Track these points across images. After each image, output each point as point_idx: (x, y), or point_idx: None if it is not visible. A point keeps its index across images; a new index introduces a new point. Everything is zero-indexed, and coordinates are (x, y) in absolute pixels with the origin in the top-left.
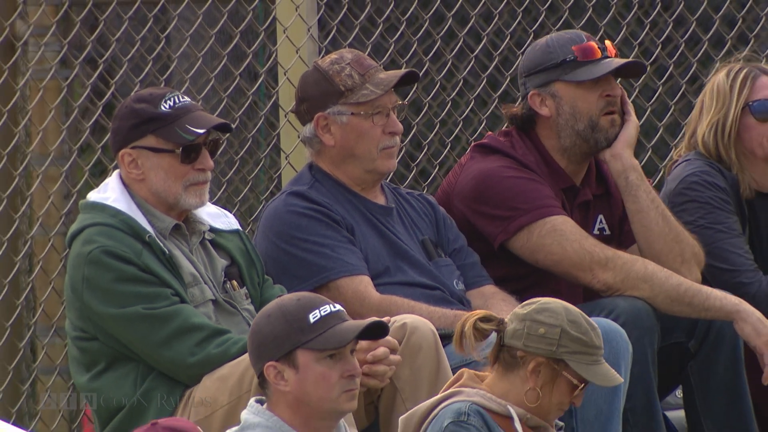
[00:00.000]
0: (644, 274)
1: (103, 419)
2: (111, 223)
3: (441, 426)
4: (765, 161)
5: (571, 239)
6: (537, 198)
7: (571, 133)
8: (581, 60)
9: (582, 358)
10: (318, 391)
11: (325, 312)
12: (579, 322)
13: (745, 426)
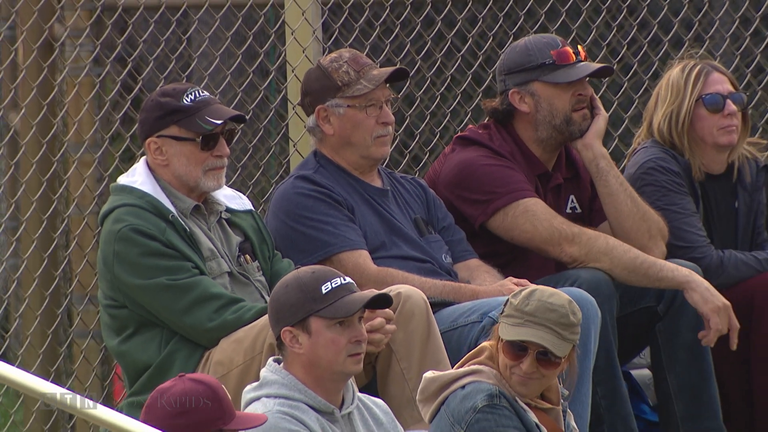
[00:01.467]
0: (605, 248)
1: (131, 378)
2: (138, 204)
3: (475, 405)
4: (714, 148)
5: (541, 218)
6: (511, 183)
7: (549, 127)
8: (558, 63)
9: (509, 319)
10: (328, 354)
11: (336, 284)
12: (524, 291)
13: (704, 380)
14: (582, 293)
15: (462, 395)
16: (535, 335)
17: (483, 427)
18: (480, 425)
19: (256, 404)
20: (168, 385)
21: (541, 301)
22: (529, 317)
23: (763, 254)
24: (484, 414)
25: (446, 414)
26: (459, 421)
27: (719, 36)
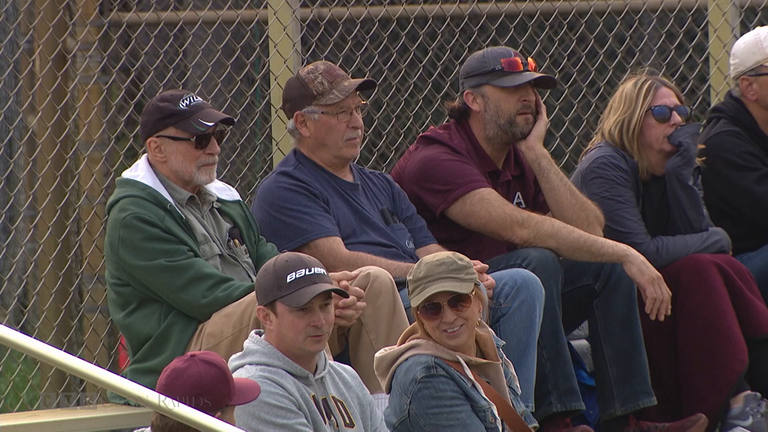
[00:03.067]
0: (551, 231)
1: (134, 347)
2: (140, 195)
3: (415, 377)
4: (659, 153)
5: (495, 206)
6: (468, 175)
7: (495, 126)
8: (507, 70)
9: (415, 292)
10: (289, 334)
11: (300, 275)
12: (421, 263)
13: (635, 350)
14: (528, 273)
15: (405, 368)
16: (436, 288)
17: (424, 395)
18: (422, 393)
19: (241, 371)
20: (183, 367)
21: (428, 263)
22: (425, 279)
23: (692, 238)
24: (424, 383)
25: (396, 386)
26: (405, 392)
27: (648, 49)
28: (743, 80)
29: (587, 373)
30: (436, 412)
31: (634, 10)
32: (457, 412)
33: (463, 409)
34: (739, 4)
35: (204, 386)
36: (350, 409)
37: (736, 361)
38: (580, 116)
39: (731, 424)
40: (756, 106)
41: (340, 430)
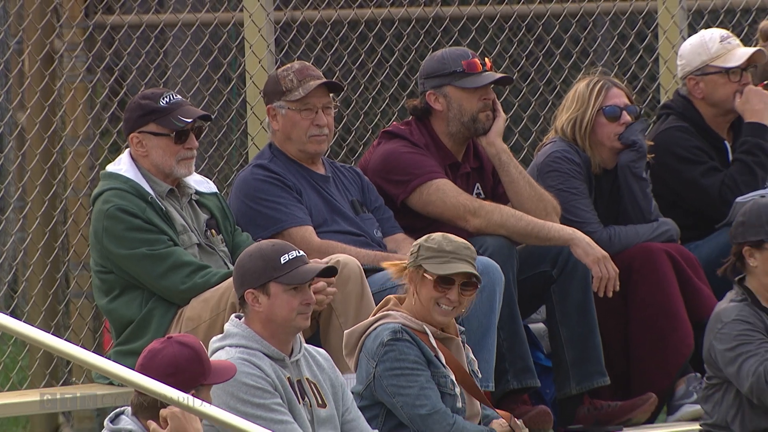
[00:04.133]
0: (500, 220)
1: (117, 331)
2: (123, 188)
3: (382, 341)
4: (610, 149)
5: (450, 195)
6: (425, 167)
7: (458, 123)
8: (467, 72)
9: (434, 260)
10: (283, 312)
11: (292, 256)
12: (436, 238)
13: (590, 332)
14: (489, 260)
15: (373, 336)
16: (462, 267)
17: (389, 357)
18: (387, 356)
19: (221, 353)
20: (159, 347)
21: (454, 241)
22: (452, 254)
23: (643, 227)
24: (390, 346)
25: (364, 354)
26: (372, 356)
27: (601, 50)
28: (690, 79)
29: (544, 355)
30: (398, 374)
31: (588, 13)
32: (417, 375)
33: (422, 374)
34: (686, 8)
35: (178, 365)
36: (323, 390)
37: (684, 346)
38: (538, 113)
39: (678, 405)
40: (702, 104)
41: (313, 410)
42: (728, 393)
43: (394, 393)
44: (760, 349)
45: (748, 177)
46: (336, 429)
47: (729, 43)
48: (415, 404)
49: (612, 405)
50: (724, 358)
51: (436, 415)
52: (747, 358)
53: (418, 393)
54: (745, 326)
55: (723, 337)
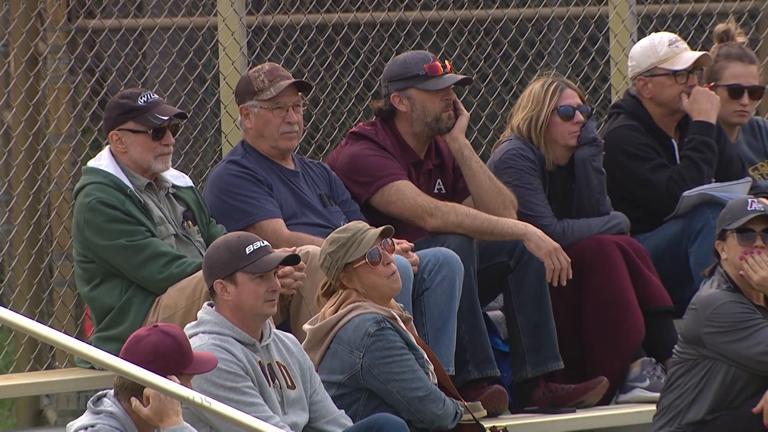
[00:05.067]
0: (456, 220)
1: (98, 317)
2: (103, 182)
3: (367, 331)
4: (564, 147)
5: (408, 197)
6: (387, 168)
7: (422, 123)
8: (429, 74)
9: (351, 250)
10: (250, 300)
11: (256, 246)
12: (332, 239)
13: (545, 320)
14: (449, 251)
15: (352, 327)
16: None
17: (378, 347)
18: (375, 346)
19: (194, 339)
20: (144, 334)
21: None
22: (356, 235)
23: (595, 221)
24: (377, 336)
25: (341, 347)
26: (357, 347)
27: (555, 52)
28: (640, 80)
29: (502, 341)
30: (389, 361)
31: (543, 18)
32: (407, 359)
33: (410, 357)
34: (636, 13)
35: (159, 353)
36: (292, 373)
37: (635, 332)
38: (496, 112)
39: (630, 387)
40: (651, 103)
41: (283, 391)
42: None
43: (388, 379)
44: (765, 322)
45: (694, 173)
46: (304, 409)
47: (677, 47)
48: (411, 387)
49: (566, 388)
50: (722, 338)
51: (432, 395)
52: (759, 328)
53: (412, 377)
54: (742, 306)
55: (719, 318)
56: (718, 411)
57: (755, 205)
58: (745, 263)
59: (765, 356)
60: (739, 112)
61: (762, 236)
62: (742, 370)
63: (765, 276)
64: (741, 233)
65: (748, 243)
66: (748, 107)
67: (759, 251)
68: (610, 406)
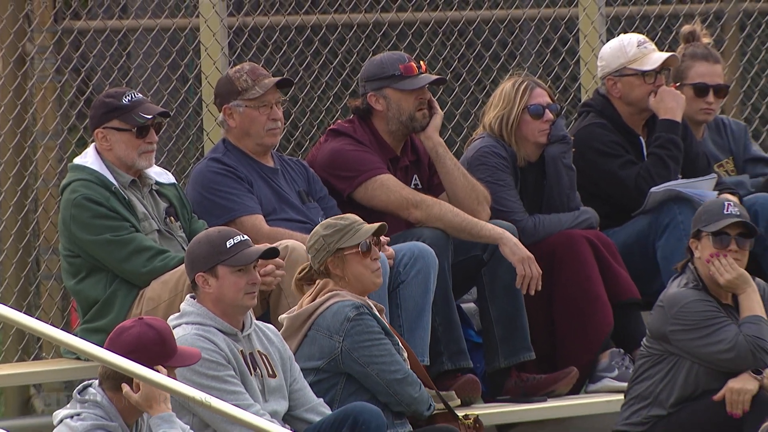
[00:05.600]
0: (439, 213)
1: (84, 310)
2: (89, 179)
3: (347, 316)
4: (534, 144)
5: (393, 190)
6: (369, 163)
7: (397, 122)
8: (405, 75)
9: (345, 237)
10: (230, 293)
11: (237, 240)
12: (328, 224)
13: (517, 312)
14: (424, 246)
15: (331, 313)
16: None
17: (358, 331)
18: (354, 330)
19: (178, 329)
20: (128, 326)
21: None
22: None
23: (565, 216)
24: (356, 321)
25: (319, 333)
26: (336, 332)
27: (527, 52)
28: (609, 80)
29: (475, 332)
30: (369, 345)
31: (515, 19)
32: (386, 343)
33: (388, 342)
34: (605, 14)
35: (141, 344)
36: (273, 362)
37: (604, 323)
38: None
39: (599, 377)
40: (620, 102)
41: (264, 380)
42: (662, 366)
43: (368, 362)
44: (729, 321)
45: (661, 169)
46: (284, 398)
47: (645, 48)
48: (390, 370)
49: (537, 378)
50: (686, 335)
51: (410, 378)
52: (721, 327)
53: (391, 360)
54: (708, 305)
55: (684, 316)
56: (683, 403)
57: (731, 209)
58: (712, 266)
59: (726, 354)
60: (705, 110)
61: (736, 240)
62: (705, 366)
63: (731, 279)
64: (716, 236)
65: (722, 246)
66: (713, 105)
67: (726, 255)
68: (579, 396)
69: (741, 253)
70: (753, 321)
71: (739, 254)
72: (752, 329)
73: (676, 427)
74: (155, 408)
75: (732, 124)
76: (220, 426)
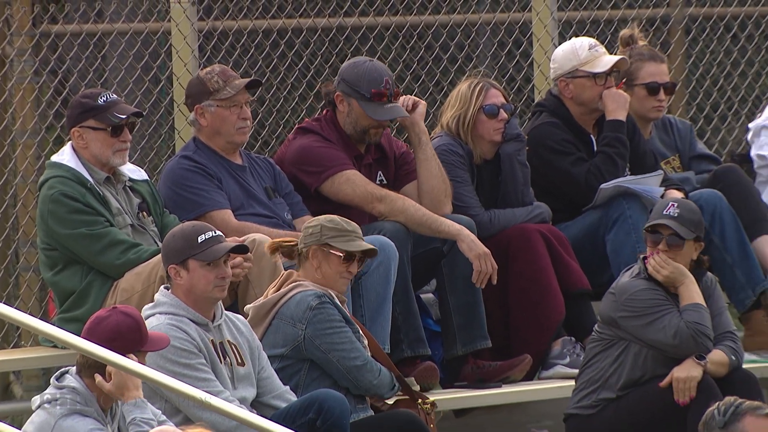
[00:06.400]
0: (402, 207)
1: (60, 300)
2: (65, 176)
3: (309, 305)
4: (489, 142)
5: (358, 185)
6: (336, 159)
7: (351, 128)
8: (373, 100)
9: (339, 239)
10: (200, 285)
11: (208, 236)
12: (334, 220)
13: (475, 301)
14: (386, 239)
15: (294, 302)
16: (364, 245)
17: (320, 320)
18: (316, 318)
19: (152, 319)
20: (105, 315)
21: (350, 222)
22: (353, 233)
23: (520, 211)
24: (318, 310)
25: (283, 321)
26: (299, 320)
27: (483, 55)
28: (561, 81)
29: (433, 321)
30: (330, 332)
31: (472, 24)
32: (346, 331)
33: (349, 330)
34: (557, 18)
35: (119, 332)
36: (242, 351)
37: (556, 313)
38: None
39: (552, 363)
40: (572, 103)
41: (233, 368)
42: (611, 351)
43: (329, 349)
44: (673, 309)
45: (610, 166)
46: (252, 385)
47: (596, 51)
48: (350, 357)
49: (492, 365)
50: (634, 321)
51: (369, 365)
52: (665, 314)
53: (351, 347)
54: (655, 293)
55: (632, 303)
56: (631, 387)
57: (672, 210)
58: (650, 265)
59: (672, 339)
60: (657, 107)
61: (667, 240)
62: (652, 351)
63: (667, 275)
64: (651, 233)
65: (653, 243)
66: (663, 102)
67: (658, 252)
68: (533, 382)
69: (673, 253)
70: (693, 308)
71: (671, 253)
72: (693, 316)
73: (625, 410)
74: (127, 395)
75: (678, 123)
76: (191, 411)
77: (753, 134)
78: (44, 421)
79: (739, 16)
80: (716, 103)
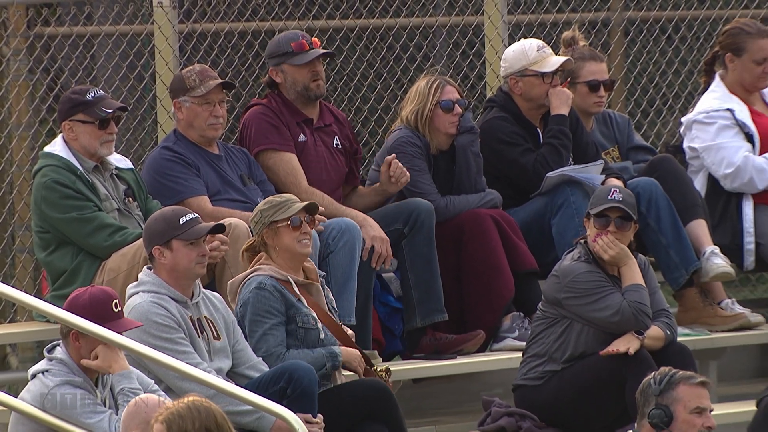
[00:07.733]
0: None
1: (53, 279)
2: (57, 164)
3: (249, 289)
4: (445, 135)
5: (281, 174)
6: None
7: (294, 92)
8: (296, 51)
9: (279, 211)
10: (183, 263)
11: (189, 218)
12: (267, 201)
13: (433, 278)
14: (351, 221)
15: (246, 285)
16: (300, 205)
17: (251, 303)
18: (250, 302)
19: (135, 297)
20: (81, 292)
21: (280, 194)
22: (288, 201)
23: (473, 197)
24: (254, 294)
25: (240, 300)
26: (241, 300)
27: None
28: (511, 79)
29: (394, 298)
30: (252, 319)
31: (429, 26)
32: (263, 323)
33: (268, 322)
34: (507, 21)
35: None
36: (218, 326)
37: (506, 290)
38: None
39: (502, 337)
40: (520, 99)
41: (210, 342)
42: (555, 328)
43: (247, 335)
44: (614, 290)
45: (555, 156)
46: (228, 357)
47: (544, 52)
48: (255, 347)
49: (448, 337)
50: (577, 301)
51: (268, 358)
52: (608, 294)
53: (258, 338)
54: (597, 275)
55: (575, 285)
56: (574, 360)
57: (616, 195)
58: (596, 245)
59: (612, 317)
60: (597, 102)
61: (616, 222)
62: (594, 328)
63: (613, 255)
64: (598, 218)
65: (602, 226)
66: (603, 98)
67: (606, 234)
68: (485, 353)
69: (621, 234)
70: (634, 288)
71: (619, 234)
72: (634, 296)
73: (568, 382)
74: (114, 367)
75: (617, 117)
76: (172, 382)
77: (685, 127)
78: (38, 389)
79: (673, 19)
80: (652, 98)
